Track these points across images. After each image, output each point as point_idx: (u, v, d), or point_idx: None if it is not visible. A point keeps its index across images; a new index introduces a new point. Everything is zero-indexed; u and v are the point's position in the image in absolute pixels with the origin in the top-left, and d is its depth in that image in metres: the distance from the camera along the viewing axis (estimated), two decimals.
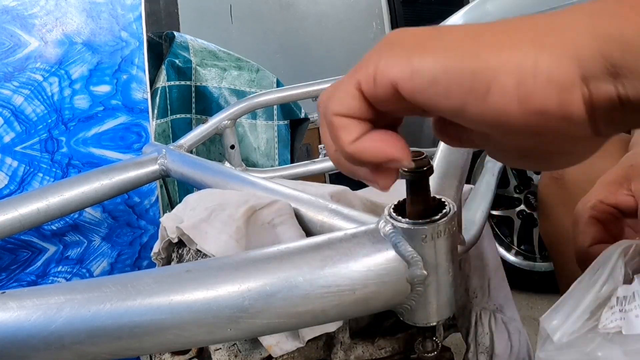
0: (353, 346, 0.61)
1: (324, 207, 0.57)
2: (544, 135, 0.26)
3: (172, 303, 0.35)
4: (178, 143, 1.11)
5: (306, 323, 0.37)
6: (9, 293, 0.35)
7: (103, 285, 0.35)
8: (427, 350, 0.43)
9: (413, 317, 0.39)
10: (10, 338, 0.34)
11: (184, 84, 1.49)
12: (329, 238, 0.39)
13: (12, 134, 1.12)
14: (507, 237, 1.98)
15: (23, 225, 0.85)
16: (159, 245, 0.68)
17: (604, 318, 0.38)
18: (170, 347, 0.37)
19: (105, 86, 1.21)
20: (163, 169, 0.93)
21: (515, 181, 1.95)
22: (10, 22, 1.12)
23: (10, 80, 1.12)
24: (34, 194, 0.87)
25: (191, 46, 1.53)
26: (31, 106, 1.14)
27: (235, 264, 0.37)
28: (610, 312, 0.38)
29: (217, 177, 0.76)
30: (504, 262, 1.39)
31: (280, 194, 0.63)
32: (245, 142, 1.57)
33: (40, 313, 0.34)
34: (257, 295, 0.35)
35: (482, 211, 0.75)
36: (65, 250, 1.18)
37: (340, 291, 0.36)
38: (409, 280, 0.37)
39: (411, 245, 0.37)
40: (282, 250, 0.38)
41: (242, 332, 0.36)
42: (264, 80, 1.60)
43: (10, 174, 1.11)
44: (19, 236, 1.10)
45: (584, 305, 0.39)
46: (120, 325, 0.34)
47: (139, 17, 1.25)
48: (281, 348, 0.54)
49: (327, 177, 2.21)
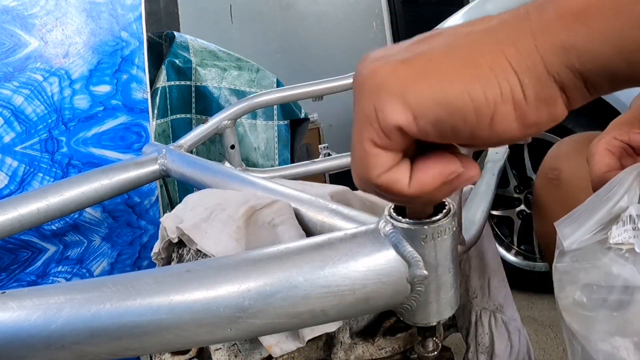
0: (353, 346, 0.61)
1: (324, 207, 0.57)
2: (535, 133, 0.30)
3: (172, 303, 0.35)
4: (178, 143, 1.11)
5: (306, 323, 0.37)
6: (9, 293, 0.35)
7: (103, 285, 0.35)
8: (427, 350, 0.43)
9: (413, 317, 0.39)
10: (10, 338, 0.34)
11: (184, 84, 1.49)
12: (329, 238, 0.39)
13: (12, 134, 1.12)
14: (507, 237, 1.98)
15: (23, 225, 0.85)
16: (159, 245, 0.68)
17: (616, 233, 0.39)
18: (170, 347, 0.37)
19: (105, 86, 1.21)
20: (163, 169, 0.93)
21: (515, 181, 1.95)
22: (10, 22, 1.12)
23: (10, 80, 1.12)
24: (34, 194, 0.87)
25: (191, 46, 1.53)
26: (31, 106, 1.14)
27: (235, 264, 0.37)
28: (623, 229, 0.39)
29: (217, 177, 0.76)
30: (504, 262, 1.39)
31: (280, 194, 0.63)
32: (245, 142, 1.57)
33: (40, 313, 0.34)
34: (257, 295, 0.35)
35: (482, 211, 0.75)
36: (65, 250, 1.18)
37: (340, 291, 0.36)
38: (409, 280, 0.37)
39: (411, 245, 0.37)
40: (282, 250, 0.38)
41: (242, 332, 0.36)
42: (264, 80, 1.60)
43: (10, 174, 1.11)
44: (19, 236, 1.10)
45: (597, 217, 0.40)
46: (120, 325, 0.34)
47: (139, 17, 1.25)
48: (281, 348, 0.54)
49: (327, 177, 2.21)
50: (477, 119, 0.28)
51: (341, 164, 1.30)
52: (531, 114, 0.28)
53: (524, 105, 0.28)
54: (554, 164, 0.83)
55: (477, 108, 0.28)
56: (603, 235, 0.39)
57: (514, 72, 0.28)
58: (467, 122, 0.28)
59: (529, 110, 0.28)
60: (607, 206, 0.40)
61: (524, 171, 1.92)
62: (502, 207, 1.98)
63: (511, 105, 0.28)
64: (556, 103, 0.28)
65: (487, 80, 0.28)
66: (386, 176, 0.30)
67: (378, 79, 0.29)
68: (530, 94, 0.28)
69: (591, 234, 0.40)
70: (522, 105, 0.28)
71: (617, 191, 0.40)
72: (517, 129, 0.28)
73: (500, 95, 0.28)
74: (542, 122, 0.29)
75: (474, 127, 0.28)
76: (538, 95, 0.28)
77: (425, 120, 0.28)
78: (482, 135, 0.29)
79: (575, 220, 0.41)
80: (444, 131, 0.29)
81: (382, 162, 0.30)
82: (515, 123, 0.28)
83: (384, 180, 0.30)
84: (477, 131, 0.28)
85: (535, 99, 0.28)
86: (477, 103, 0.28)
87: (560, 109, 0.29)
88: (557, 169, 0.81)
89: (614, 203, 0.40)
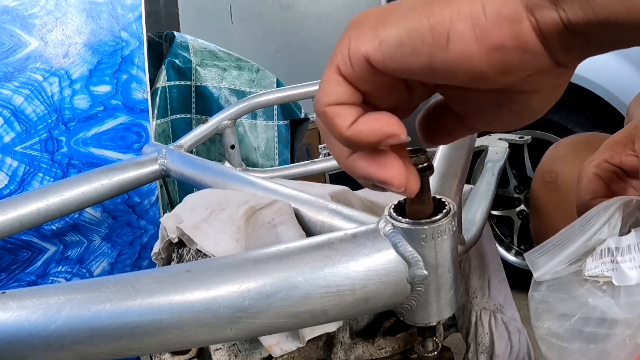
0: (353, 346, 0.61)
1: (324, 207, 0.57)
2: (509, 73, 0.28)
3: (172, 303, 0.35)
4: (178, 143, 1.11)
5: (306, 323, 0.37)
6: (9, 293, 0.35)
7: (103, 285, 0.35)
8: (427, 350, 0.43)
9: (413, 317, 0.39)
10: (10, 338, 0.34)
11: (184, 84, 1.49)
12: (329, 238, 0.39)
13: (12, 134, 1.12)
14: (507, 237, 1.98)
15: (23, 225, 0.85)
16: (159, 245, 0.68)
17: (591, 266, 0.39)
18: (170, 347, 0.37)
19: (105, 86, 1.21)
20: (163, 169, 0.93)
21: (515, 181, 1.95)
22: (10, 22, 1.12)
23: (10, 80, 1.12)
24: (34, 194, 0.87)
25: (191, 46, 1.53)
26: (31, 106, 1.14)
27: (235, 264, 0.37)
28: (600, 261, 0.39)
29: (217, 177, 0.76)
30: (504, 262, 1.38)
31: (280, 194, 0.64)
32: (245, 142, 1.57)
33: (40, 313, 0.34)
34: (257, 295, 0.35)
35: (482, 211, 0.75)
36: (65, 250, 1.18)
37: (340, 291, 0.36)
38: (409, 280, 0.37)
39: (411, 245, 0.37)
40: (282, 250, 0.38)
41: (242, 332, 0.36)
42: (264, 80, 1.60)
43: (10, 174, 1.11)
44: (19, 236, 1.10)
45: (571, 249, 0.39)
46: (120, 325, 0.34)
47: (139, 17, 1.25)
48: (281, 348, 0.54)
49: (327, 177, 2.21)
50: (434, 38, 0.27)
51: None
52: (492, 34, 0.26)
53: (482, 22, 0.26)
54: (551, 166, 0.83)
55: (433, 26, 0.27)
56: (577, 267, 0.39)
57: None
58: (425, 41, 0.28)
59: (488, 28, 0.26)
60: (582, 238, 0.39)
61: (524, 171, 1.92)
62: (502, 207, 1.98)
63: (469, 22, 0.26)
64: (520, 23, 0.26)
65: (446, 1, 0.27)
66: (333, 108, 0.31)
67: (359, 18, 0.31)
68: (491, 10, 0.26)
69: (564, 266, 0.39)
70: (482, 22, 0.26)
71: (593, 223, 0.39)
72: (477, 52, 0.27)
73: (458, 13, 0.27)
74: (507, 45, 0.26)
75: (432, 48, 0.28)
76: (500, 13, 0.26)
77: (388, 46, 0.29)
78: (440, 58, 0.28)
79: (547, 252, 0.40)
80: (405, 55, 0.29)
81: (337, 90, 0.31)
82: (475, 44, 0.27)
83: (329, 110, 0.31)
84: (435, 52, 0.28)
85: (497, 16, 0.26)
86: (433, 21, 0.27)
87: (527, 34, 0.26)
88: (554, 172, 0.81)
89: (590, 235, 0.39)
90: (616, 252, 0.38)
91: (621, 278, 0.38)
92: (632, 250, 0.38)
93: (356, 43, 0.30)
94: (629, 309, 0.37)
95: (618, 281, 0.38)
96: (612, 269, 0.38)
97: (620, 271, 0.38)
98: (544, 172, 0.84)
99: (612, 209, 0.39)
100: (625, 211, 0.40)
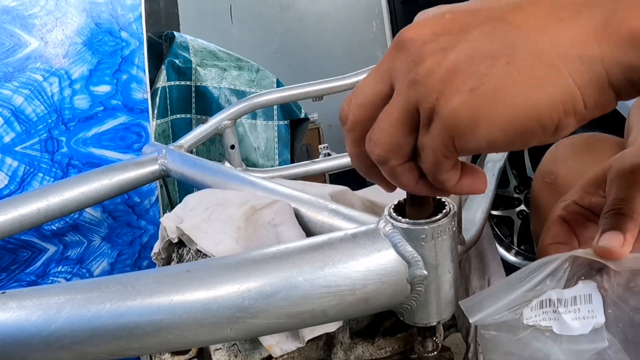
0: (353, 346, 0.61)
1: (324, 207, 0.57)
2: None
3: (172, 303, 0.35)
4: (178, 143, 1.11)
5: (306, 323, 0.37)
6: (9, 293, 0.35)
7: (103, 285, 0.35)
8: (427, 350, 0.43)
9: (413, 317, 0.39)
10: (10, 338, 0.34)
11: (184, 84, 1.49)
12: (329, 238, 0.39)
13: (12, 134, 1.12)
14: (507, 237, 1.98)
15: (23, 225, 0.85)
16: (159, 245, 0.68)
17: (530, 315, 0.39)
18: (170, 347, 0.37)
19: (105, 86, 1.21)
20: (163, 169, 0.93)
21: (515, 181, 1.95)
22: (10, 22, 1.12)
23: (10, 80, 1.12)
24: (34, 194, 0.87)
25: (191, 46, 1.53)
26: (31, 106, 1.14)
27: (235, 264, 0.37)
28: (541, 311, 0.39)
29: (217, 177, 0.76)
30: (504, 262, 1.39)
31: (280, 194, 0.63)
32: (245, 142, 1.57)
33: (40, 313, 0.34)
34: (257, 295, 0.35)
35: (482, 211, 0.75)
36: (65, 250, 1.18)
37: (340, 291, 0.36)
38: (409, 280, 0.37)
39: (411, 245, 0.37)
40: (282, 250, 0.38)
41: (242, 332, 0.36)
42: (264, 80, 1.60)
43: (10, 174, 1.11)
44: (19, 236, 1.10)
45: (510, 298, 0.39)
46: (120, 325, 0.34)
47: (139, 17, 1.25)
48: (281, 348, 0.54)
49: (327, 177, 2.21)
50: (544, 134, 0.31)
51: (341, 164, 1.30)
52: (588, 116, 0.31)
53: (583, 112, 0.30)
54: (551, 167, 0.83)
55: (543, 127, 0.30)
56: (516, 315, 0.39)
57: (577, 88, 0.29)
58: (535, 138, 0.31)
59: (587, 114, 0.30)
60: (523, 289, 0.39)
61: (524, 171, 1.92)
62: (502, 207, 1.98)
63: (573, 118, 0.30)
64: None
65: (551, 102, 0.30)
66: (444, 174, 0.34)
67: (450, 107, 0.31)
68: (590, 102, 0.30)
69: (504, 312, 0.39)
70: (582, 113, 0.30)
71: (535, 276, 0.39)
72: (573, 130, 0.31)
73: (564, 113, 0.30)
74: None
75: (540, 140, 0.31)
76: (597, 103, 0.30)
77: (497, 146, 0.31)
78: (545, 142, 0.31)
79: (479, 302, 0.40)
80: (512, 147, 0.32)
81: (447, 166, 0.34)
82: (574, 128, 0.31)
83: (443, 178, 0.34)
84: (542, 141, 0.31)
85: (594, 105, 0.30)
86: (543, 123, 0.30)
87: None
88: (554, 173, 0.81)
89: (532, 286, 0.39)
90: (558, 303, 0.39)
91: (563, 328, 0.38)
92: (577, 302, 0.39)
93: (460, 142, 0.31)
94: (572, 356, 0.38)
95: (559, 330, 0.38)
96: (554, 319, 0.39)
97: (562, 321, 0.38)
98: (543, 173, 0.83)
99: (557, 263, 0.40)
100: (574, 264, 0.39)
